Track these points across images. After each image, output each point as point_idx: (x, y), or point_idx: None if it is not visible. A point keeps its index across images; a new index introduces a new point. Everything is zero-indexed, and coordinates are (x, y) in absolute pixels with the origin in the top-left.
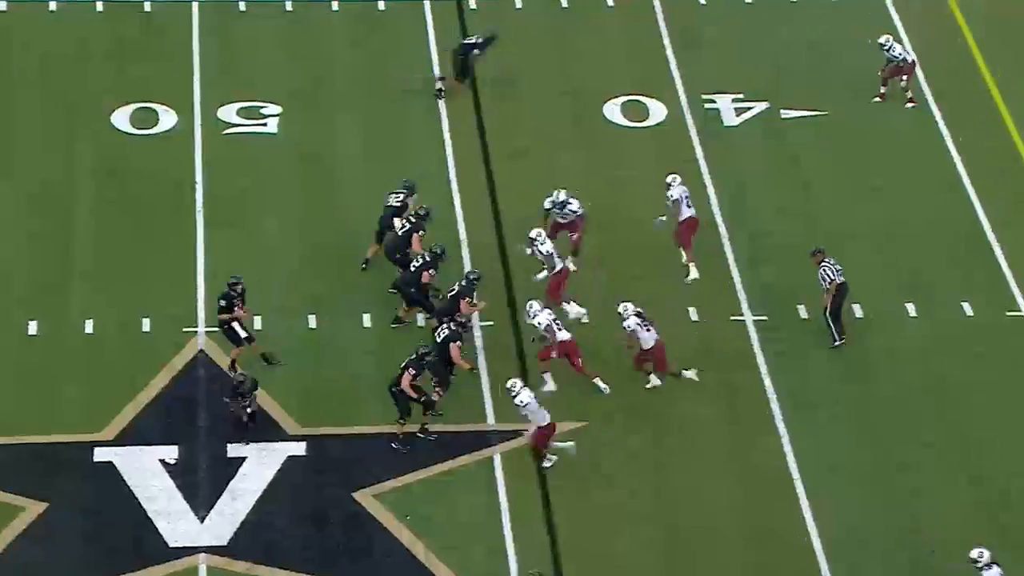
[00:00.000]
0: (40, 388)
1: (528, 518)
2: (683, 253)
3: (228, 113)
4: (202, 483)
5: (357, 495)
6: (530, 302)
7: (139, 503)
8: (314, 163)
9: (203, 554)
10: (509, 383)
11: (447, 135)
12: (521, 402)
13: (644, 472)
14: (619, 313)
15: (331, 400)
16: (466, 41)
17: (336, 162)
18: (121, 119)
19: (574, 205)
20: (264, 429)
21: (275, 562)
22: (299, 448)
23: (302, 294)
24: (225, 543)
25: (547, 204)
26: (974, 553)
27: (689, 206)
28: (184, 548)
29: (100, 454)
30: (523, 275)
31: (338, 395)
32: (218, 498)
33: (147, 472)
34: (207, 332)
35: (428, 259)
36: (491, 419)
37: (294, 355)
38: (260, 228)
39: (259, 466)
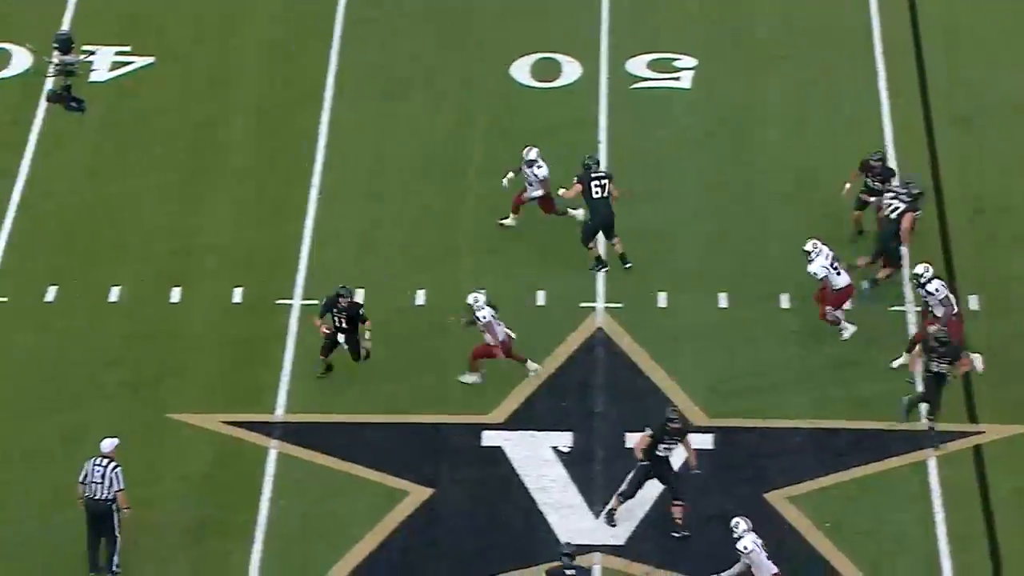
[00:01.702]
0: (427, 364)
1: (968, 535)
2: None
3: (638, 66)
4: (598, 475)
5: (769, 496)
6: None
7: (529, 493)
8: (732, 123)
9: (598, 553)
10: (733, 522)
11: (884, 96)
12: (745, 548)
13: None
14: (469, 304)
15: (743, 388)
16: None
17: (757, 123)
18: (521, 70)
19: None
20: None
21: (677, 567)
22: (706, 441)
23: (714, 270)
24: (622, 542)
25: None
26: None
27: None
28: (577, 545)
29: (488, 438)
30: (966, 256)
31: (751, 383)
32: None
33: (538, 460)
34: (606, 308)
35: (908, 200)
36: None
37: (704, 336)
38: (672, 194)
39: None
